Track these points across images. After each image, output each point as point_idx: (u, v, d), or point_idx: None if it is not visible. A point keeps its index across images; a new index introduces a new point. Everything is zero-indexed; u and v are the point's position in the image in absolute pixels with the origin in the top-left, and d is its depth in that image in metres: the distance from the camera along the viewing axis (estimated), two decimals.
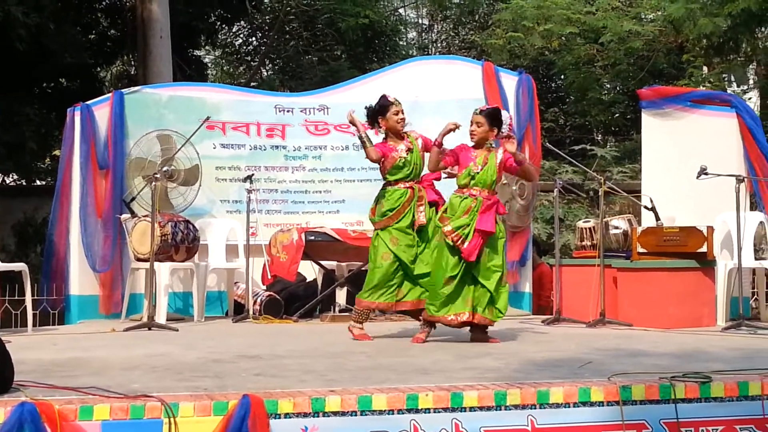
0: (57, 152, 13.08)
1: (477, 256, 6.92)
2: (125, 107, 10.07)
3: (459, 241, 6.90)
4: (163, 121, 10.17)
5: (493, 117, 7.24)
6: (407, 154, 7.40)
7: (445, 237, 6.96)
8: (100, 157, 9.79)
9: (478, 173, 7.09)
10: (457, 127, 7.16)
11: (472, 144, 7.27)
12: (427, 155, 7.43)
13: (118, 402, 3.96)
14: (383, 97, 7.58)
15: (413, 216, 7.32)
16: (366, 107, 7.65)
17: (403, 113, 7.52)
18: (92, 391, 4.20)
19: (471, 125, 7.22)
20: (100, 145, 9.84)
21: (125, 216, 9.57)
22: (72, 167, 9.80)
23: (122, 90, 10.53)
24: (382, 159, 7.41)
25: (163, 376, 5.02)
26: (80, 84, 15.78)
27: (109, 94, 10.28)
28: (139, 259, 9.19)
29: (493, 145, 7.33)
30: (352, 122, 7.58)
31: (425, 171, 7.55)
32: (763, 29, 16.46)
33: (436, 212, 7.30)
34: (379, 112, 7.50)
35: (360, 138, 7.48)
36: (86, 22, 16.45)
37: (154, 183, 8.52)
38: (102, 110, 9.97)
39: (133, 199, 9.59)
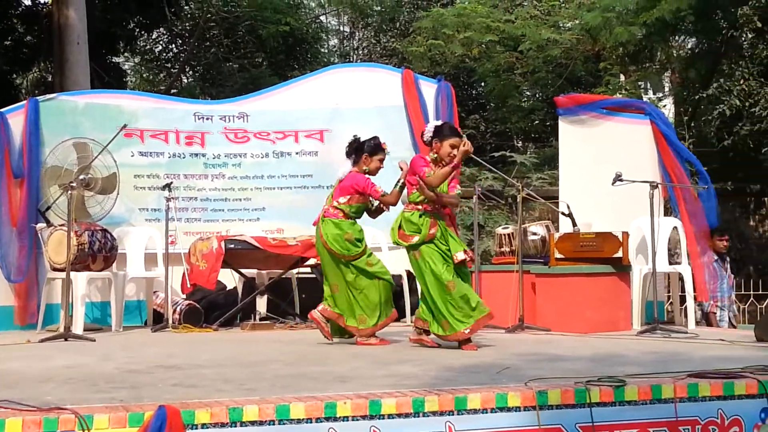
0: None
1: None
2: (40, 115, 9.91)
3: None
4: (80, 128, 10.03)
5: (440, 133, 7.33)
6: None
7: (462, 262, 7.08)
8: (15, 166, 9.62)
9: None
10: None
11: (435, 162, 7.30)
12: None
13: (30, 415, 3.88)
14: (377, 139, 7.78)
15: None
16: (364, 141, 7.75)
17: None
18: (4, 404, 4.11)
19: (453, 148, 7.16)
20: (15, 153, 9.67)
21: (41, 225, 9.41)
22: None
23: (37, 97, 10.34)
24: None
25: (78, 387, 4.94)
26: None
27: (24, 102, 10.11)
28: (55, 269, 9.04)
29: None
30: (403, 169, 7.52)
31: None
32: (676, 38, 16.81)
33: None
34: (370, 151, 7.68)
35: (400, 183, 7.48)
36: (1, 28, 16.20)
37: (70, 191, 8.38)
38: (17, 118, 9.80)
39: (49, 208, 9.43)
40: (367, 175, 7.63)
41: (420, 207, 7.15)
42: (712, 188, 9.97)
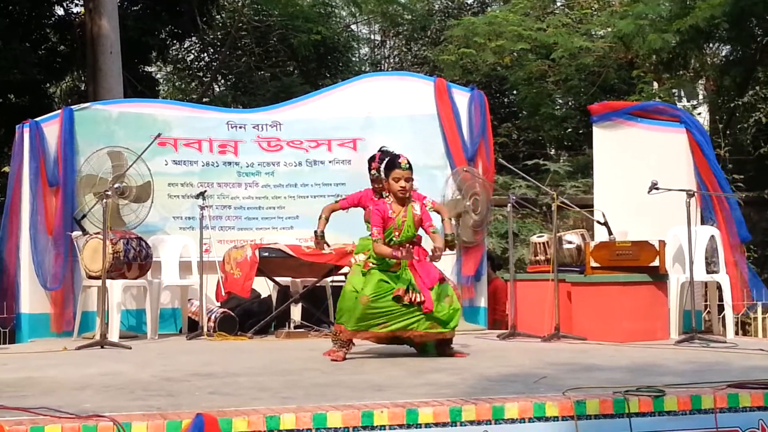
0: (6, 169, 12.92)
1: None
2: (75, 124, 9.99)
3: (414, 300, 6.94)
4: (114, 137, 10.08)
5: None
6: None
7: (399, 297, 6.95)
8: (50, 174, 9.70)
9: (398, 237, 7.09)
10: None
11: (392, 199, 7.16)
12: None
13: (69, 422, 3.89)
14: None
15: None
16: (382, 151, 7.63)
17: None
18: (43, 411, 4.13)
19: (399, 181, 7.05)
20: (50, 162, 9.75)
21: (76, 233, 9.48)
22: (21, 184, 9.70)
23: (72, 106, 10.41)
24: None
25: (115, 395, 4.96)
26: (29, 100, 15.67)
27: (59, 111, 10.18)
28: (90, 277, 9.09)
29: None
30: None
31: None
32: (710, 45, 16.70)
33: None
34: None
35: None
36: (35, 38, 16.34)
37: (105, 200, 8.43)
38: (51, 127, 9.88)
39: (84, 216, 9.50)
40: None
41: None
42: (734, 200, 9.90)
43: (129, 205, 9.72)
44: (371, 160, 7.88)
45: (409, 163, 7.11)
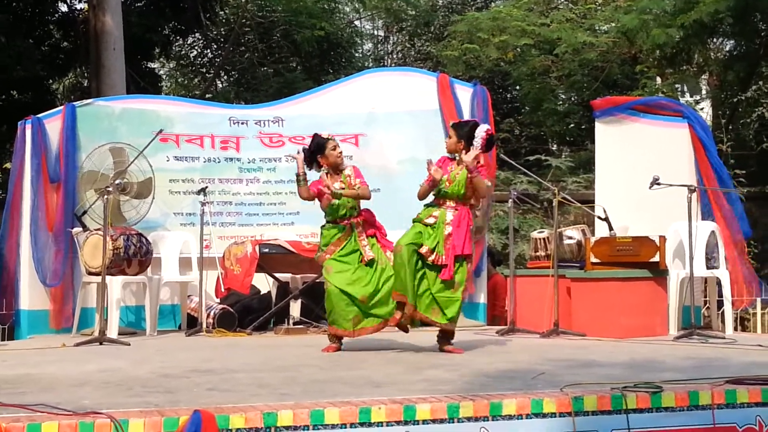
0: (8, 165, 12.94)
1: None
2: (77, 120, 9.98)
3: (438, 260, 7.03)
4: (116, 133, 10.09)
5: (459, 129, 7.34)
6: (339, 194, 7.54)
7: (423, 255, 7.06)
8: (52, 171, 9.70)
9: (446, 189, 7.18)
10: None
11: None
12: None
13: (66, 419, 3.90)
14: (317, 136, 7.72)
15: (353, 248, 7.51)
16: (302, 149, 7.81)
17: (340, 147, 7.72)
18: (41, 408, 4.13)
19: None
20: (52, 158, 9.75)
21: (77, 229, 9.48)
22: (23, 181, 9.69)
23: (74, 103, 10.43)
24: (317, 197, 7.65)
25: (113, 392, 4.96)
26: (32, 96, 15.69)
27: (61, 107, 10.18)
28: (90, 273, 9.08)
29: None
30: (297, 160, 7.70)
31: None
32: (714, 40, 16.68)
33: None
34: (317, 151, 7.64)
35: (297, 176, 7.66)
36: (38, 34, 16.34)
37: (106, 196, 8.44)
38: (53, 123, 9.88)
39: (85, 212, 9.49)
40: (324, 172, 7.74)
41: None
42: (736, 196, 9.89)
43: (130, 201, 9.72)
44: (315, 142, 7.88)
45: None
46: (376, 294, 7.33)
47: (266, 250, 9.15)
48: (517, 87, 19.29)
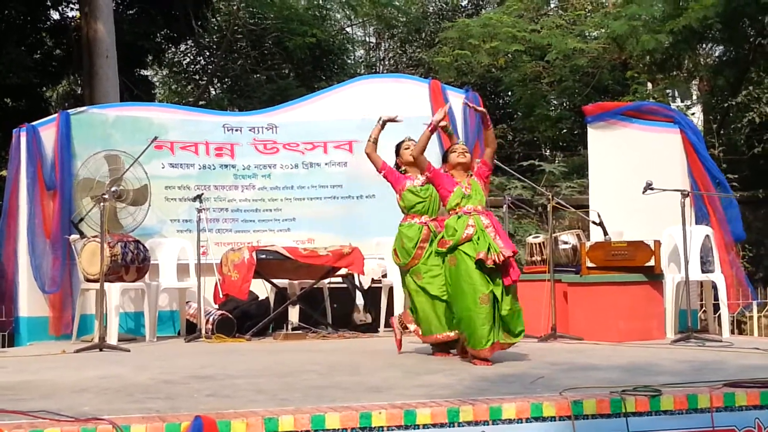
0: (3, 173, 12.93)
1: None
2: (71, 127, 10.00)
3: (498, 260, 6.56)
4: (110, 141, 10.11)
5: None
6: (422, 186, 7.39)
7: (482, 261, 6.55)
8: (47, 178, 9.72)
9: (469, 195, 6.83)
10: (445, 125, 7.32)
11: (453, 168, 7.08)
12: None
13: (68, 425, 3.90)
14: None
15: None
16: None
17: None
18: (42, 414, 4.14)
19: (458, 156, 7.01)
20: (47, 165, 9.78)
21: (74, 237, 9.49)
22: (19, 188, 9.72)
23: (68, 110, 10.44)
24: (384, 173, 7.55)
25: (114, 398, 4.97)
26: (26, 104, 15.67)
27: (55, 115, 10.19)
28: (88, 280, 9.11)
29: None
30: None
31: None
32: (704, 46, 16.74)
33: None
34: (396, 154, 7.69)
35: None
36: (31, 42, 16.33)
37: (102, 203, 8.45)
38: (48, 131, 9.90)
39: (82, 219, 9.51)
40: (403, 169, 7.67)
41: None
42: (734, 200, 9.93)
43: (126, 208, 9.74)
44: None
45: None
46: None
47: (263, 256, 9.16)
48: (509, 93, 19.34)
